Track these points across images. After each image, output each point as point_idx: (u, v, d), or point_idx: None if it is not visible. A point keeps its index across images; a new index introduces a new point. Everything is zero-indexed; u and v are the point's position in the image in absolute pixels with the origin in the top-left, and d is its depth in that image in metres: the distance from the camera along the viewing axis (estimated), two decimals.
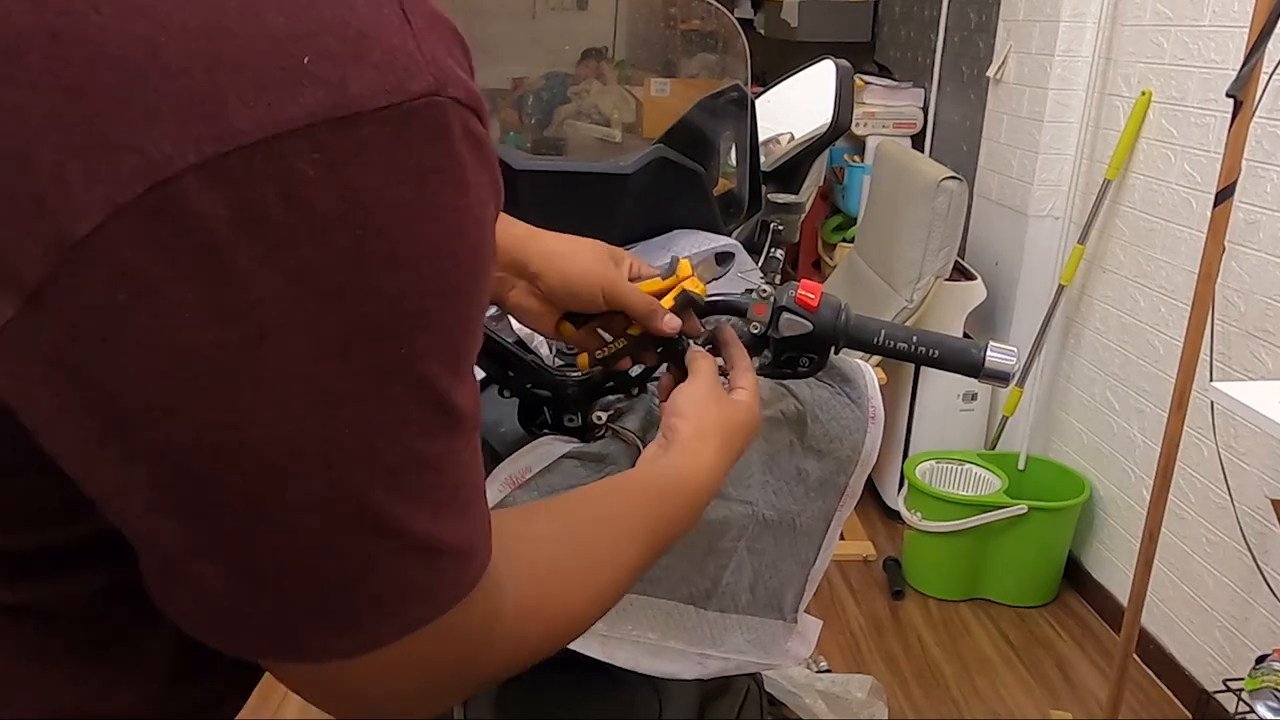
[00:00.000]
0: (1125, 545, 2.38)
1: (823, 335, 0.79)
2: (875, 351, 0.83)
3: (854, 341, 0.80)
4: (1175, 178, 2.20)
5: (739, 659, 0.94)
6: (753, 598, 0.96)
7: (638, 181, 1.05)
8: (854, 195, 3.71)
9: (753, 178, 1.18)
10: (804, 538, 0.99)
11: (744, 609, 0.95)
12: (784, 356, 0.81)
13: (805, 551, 1.00)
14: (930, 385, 2.77)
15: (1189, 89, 2.15)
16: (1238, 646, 2.01)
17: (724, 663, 0.93)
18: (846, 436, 0.98)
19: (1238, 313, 1.98)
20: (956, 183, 2.48)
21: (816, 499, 0.98)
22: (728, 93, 1.12)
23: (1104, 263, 2.47)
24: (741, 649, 0.95)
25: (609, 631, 0.87)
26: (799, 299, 0.79)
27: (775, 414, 0.94)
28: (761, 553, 0.95)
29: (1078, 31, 2.49)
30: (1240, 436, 1.97)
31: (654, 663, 0.89)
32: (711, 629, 0.93)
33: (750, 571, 0.95)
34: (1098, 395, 2.50)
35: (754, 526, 0.92)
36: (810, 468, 0.96)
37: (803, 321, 0.79)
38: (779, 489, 0.94)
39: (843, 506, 1.00)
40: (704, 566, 0.91)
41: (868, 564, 2.68)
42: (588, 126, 1.49)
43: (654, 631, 0.89)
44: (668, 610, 0.90)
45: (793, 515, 0.96)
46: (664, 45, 1.42)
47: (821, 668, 2.10)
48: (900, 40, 3.89)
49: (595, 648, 0.86)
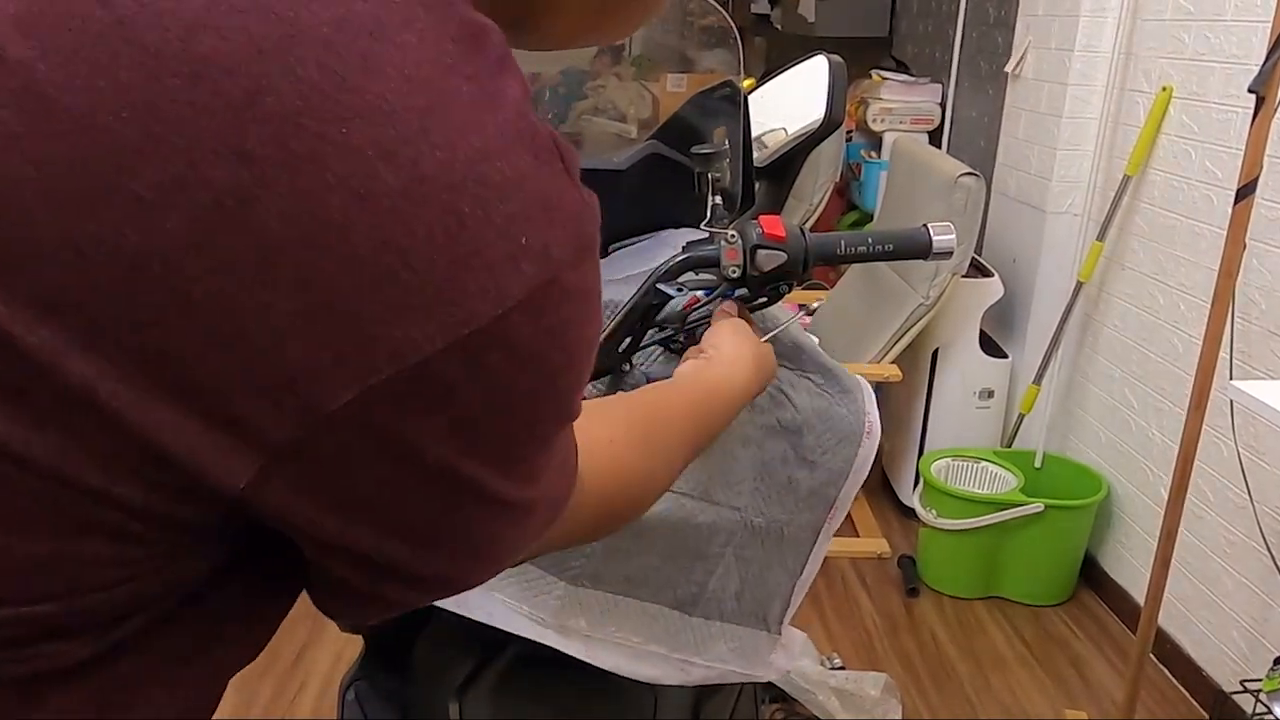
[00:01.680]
0: (1142, 544, 2.37)
1: (796, 260, 0.87)
2: (841, 261, 0.92)
3: (822, 257, 0.89)
4: (1196, 174, 2.18)
5: (722, 668, 0.95)
6: (738, 606, 0.96)
7: (632, 178, 1.06)
8: (870, 191, 3.70)
9: (746, 173, 1.18)
10: (791, 548, 0.99)
11: (729, 617, 0.95)
12: (766, 288, 0.89)
13: (792, 562, 1.00)
14: (946, 382, 2.76)
15: (1210, 84, 2.13)
16: (1256, 647, 1.99)
17: (707, 671, 0.93)
18: (840, 449, 0.98)
19: (1258, 311, 1.96)
20: (974, 179, 2.47)
21: (805, 510, 0.98)
22: (721, 89, 1.12)
23: (1123, 260, 2.45)
24: (725, 658, 0.95)
25: (592, 632, 0.87)
26: (768, 234, 0.86)
27: (772, 422, 0.94)
28: (749, 561, 0.95)
29: (1098, 26, 2.47)
30: (1260, 436, 1.95)
31: (636, 666, 0.89)
32: (695, 635, 0.93)
33: (737, 579, 0.95)
34: (1116, 393, 2.49)
35: (742, 533, 0.92)
36: (802, 478, 0.96)
37: (778, 253, 0.86)
38: (769, 496, 0.94)
39: (831, 519, 1.01)
40: (691, 571, 0.91)
41: (882, 561, 2.67)
42: (604, 122, 1.49)
43: (637, 635, 0.89)
44: (653, 614, 0.90)
45: (781, 524, 0.96)
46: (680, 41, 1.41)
47: (835, 665, 2.10)
48: (918, 35, 3.87)
49: (579, 648, 0.86)
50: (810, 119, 1.17)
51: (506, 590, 0.85)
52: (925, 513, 2.50)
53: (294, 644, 2.22)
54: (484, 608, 0.85)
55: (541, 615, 0.85)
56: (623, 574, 0.87)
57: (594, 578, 0.87)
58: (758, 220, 0.88)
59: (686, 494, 0.88)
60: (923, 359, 2.76)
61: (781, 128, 1.20)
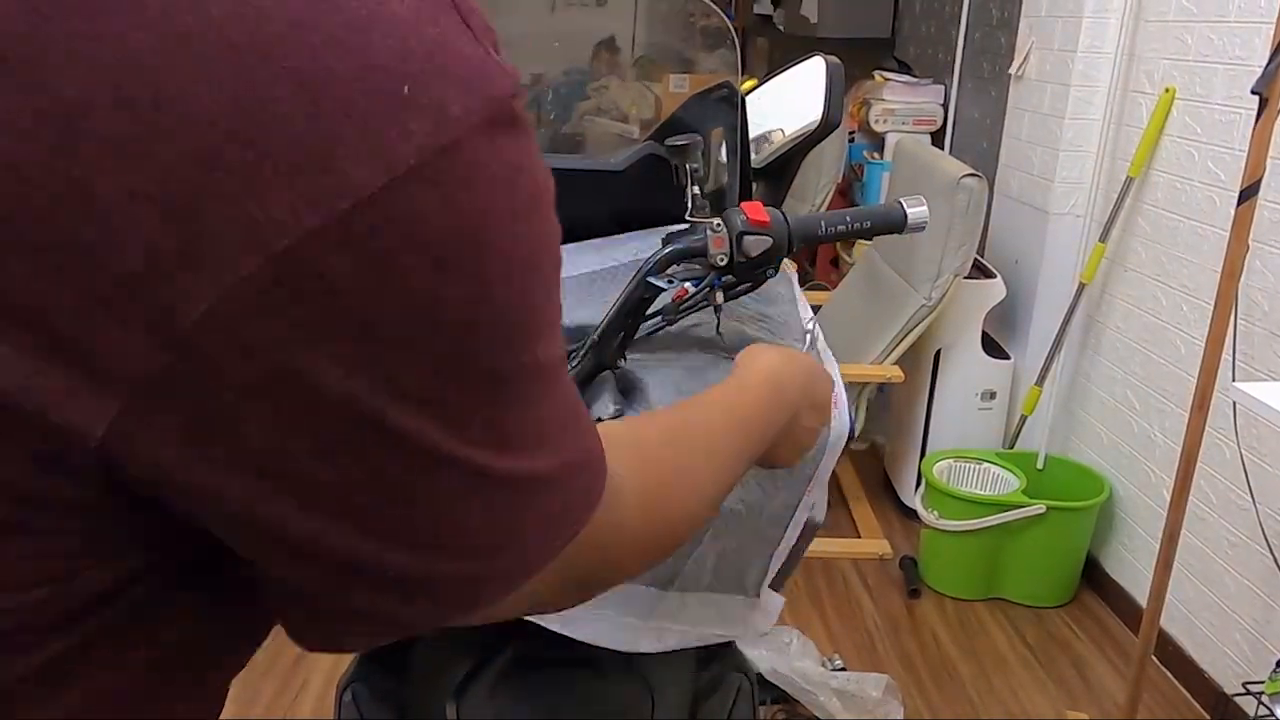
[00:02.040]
0: (1145, 546, 2.37)
1: (781, 243, 0.90)
2: (823, 240, 0.94)
3: (805, 238, 0.92)
4: (1198, 175, 2.17)
5: (699, 630, 0.94)
6: (715, 579, 0.96)
7: (629, 178, 1.06)
8: (873, 192, 3.70)
9: (743, 174, 1.18)
10: (769, 523, 0.99)
11: (706, 588, 0.95)
12: (753, 273, 0.91)
13: (771, 533, 1.00)
14: (948, 383, 2.76)
15: (1213, 85, 2.13)
16: (1258, 649, 1.99)
17: (682, 634, 0.93)
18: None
19: (1261, 312, 1.96)
20: (976, 180, 2.47)
21: (783, 490, 0.98)
22: (718, 90, 1.13)
23: (1125, 261, 2.45)
24: (700, 620, 0.95)
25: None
26: (753, 220, 0.89)
27: None
28: (725, 540, 0.95)
29: (1101, 27, 2.47)
30: (1262, 437, 1.95)
31: (613, 634, 0.88)
32: (672, 606, 0.93)
33: (714, 557, 0.95)
34: (1118, 394, 2.48)
35: (720, 520, 0.93)
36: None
37: (764, 238, 0.89)
38: (746, 482, 0.94)
39: (810, 491, 1.01)
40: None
41: (884, 562, 2.67)
42: (606, 123, 1.49)
43: (613, 610, 0.89)
44: (628, 592, 0.90)
45: (760, 506, 0.96)
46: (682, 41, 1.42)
47: (836, 666, 2.10)
48: (921, 36, 3.87)
49: (554, 621, 0.86)
50: (808, 120, 1.17)
51: None
52: (927, 514, 2.50)
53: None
54: None
55: None
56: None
57: None
58: (740, 207, 0.90)
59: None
60: (925, 360, 2.75)
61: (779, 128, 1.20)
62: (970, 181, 2.46)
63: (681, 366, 0.97)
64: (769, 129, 1.21)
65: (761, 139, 1.22)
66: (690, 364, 0.97)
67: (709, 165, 1.12)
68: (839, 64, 1.17)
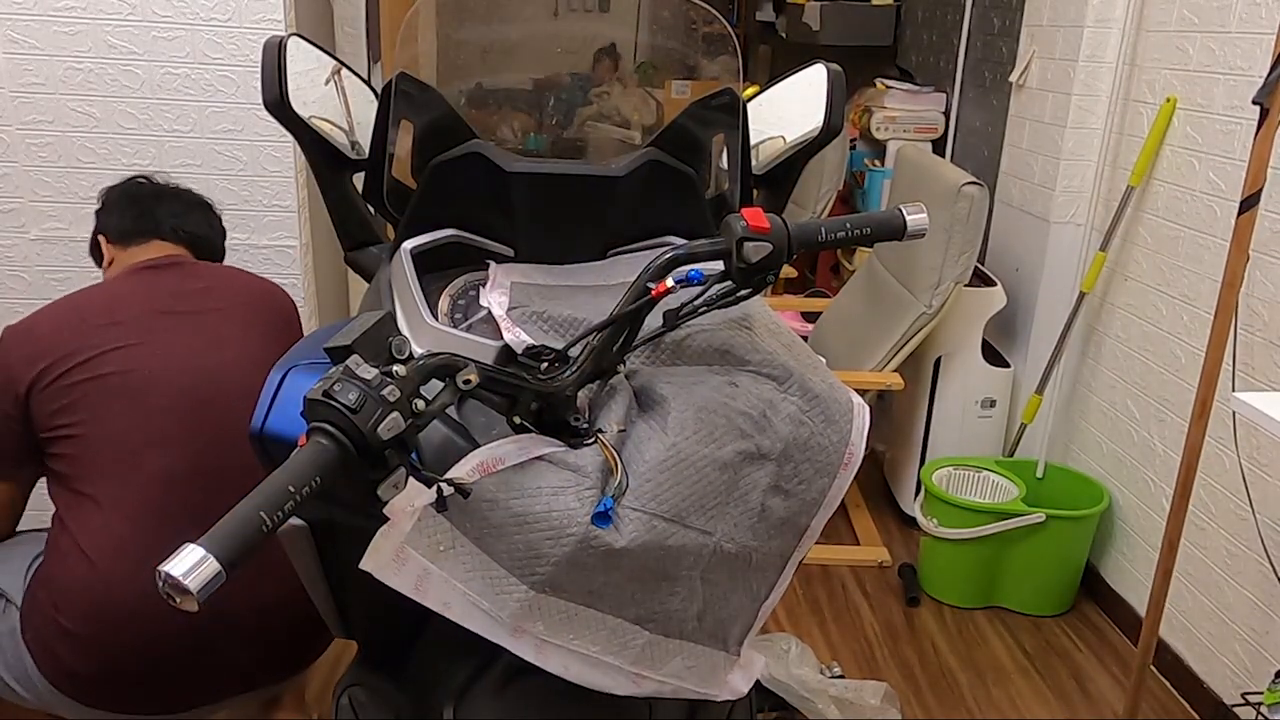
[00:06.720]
0: (1144, 555, 2.36)
1: (781, 249, 0.90)
2: (822, 246, 0.94)
3: (804, 244, 0.91)
4: (1199, 185, 2.18)
5: (675, 684, 0.94)
6: (699, 625, 0.95)
7: (629, 184, 1.05)
8: (874, 200, 3.70)
9: (744, 181, 1.18)
10: (758, 573, 0.99)
11: (689, 635, 0.95)
12: (754, 279, 0.92)
13: (758, 587, 1.00)
14: (948, 391, 2.76)
15: (1214, 95, 2.13)
16: (1257, 659, 1.99)
17: (659, 685, 0.93)
18: (816, 480, 0.98)
19: (1261, 322, 1.96)
20: (977, 188, 2.47)
21: (776, 537, 0.98)
22: (720, 96, 1.13)
23: (1126, 270, 2.45)
24: (680, 674, 0.94)
25: (548, 637, 0.86)
26: (754, 227, 0.89)
27: (751, 448, 0.93)
28: (714, 584, 0.95)
29: (1102, 37, 2.48)
30: (1262, 447, 1.95)
31: (587, 673, 0.88)
32: (653, 650, 0.92)
33: (700, 601, 0.94)
34: (1118, 403, 2.48)
35: (711, 558, 0.92)
36: (775, 505, 0.96)
37: (764, 244, 0.89)
38: (740, 523, 0.94)
39: (800, 547, 1.01)
40: (655, 590, 0.90)
41: (883, 570, 2.67)
42: (608, 128, 1.49)
43: (595, 645, 0.89)
44: (611, 626, 0.89)
45: (750, 550, 0.95)
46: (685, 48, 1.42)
47: (835, 673, 2.09)
48: (922, 44, 3.88)
49: (529, 650, 0.86)
50: (809, 127, 1.17)
51: (470, 584, 0.84)
52: (926, 522, 2.49)
53: None
54: (444, 599, 0.84)
55: (500, 614, 0.85)
56: (587, 587, 0.87)
57: (557, 586, 0.86)
58: (741, 213, 0.90)
59: (660, 515, 0.87)
60: (925, 368, 2.76)
61: (780, 135, 1.20)
62: (971, 189, 2.46)
63: (708, 386, 0.96)
64: (770, 136, 1.21)
65: (762, 145, 1.22)
66: (715, 384, 0.96)
67: (710, 171, 1.12)
68: (840, 71, 1.17)
